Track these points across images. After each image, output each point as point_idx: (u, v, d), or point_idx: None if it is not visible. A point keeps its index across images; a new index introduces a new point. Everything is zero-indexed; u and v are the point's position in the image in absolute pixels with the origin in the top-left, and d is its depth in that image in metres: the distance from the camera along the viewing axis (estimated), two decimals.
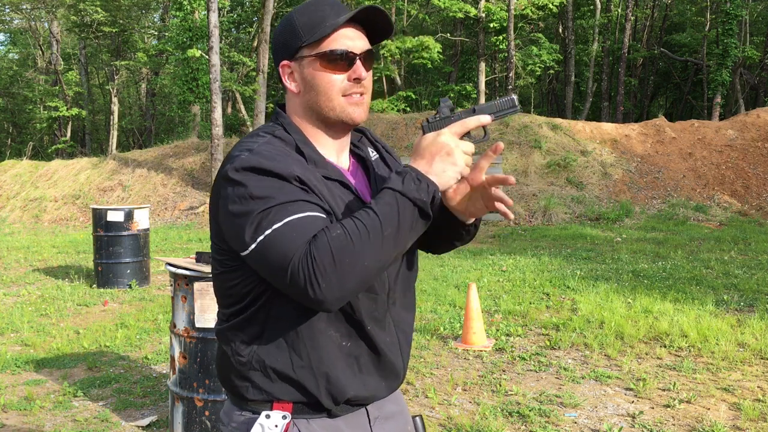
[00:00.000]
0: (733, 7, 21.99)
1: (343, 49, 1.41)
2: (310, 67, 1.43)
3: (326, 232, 1.25)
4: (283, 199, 1.28)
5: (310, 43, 1.41)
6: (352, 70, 1.42)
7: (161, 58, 27.93)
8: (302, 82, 1.44)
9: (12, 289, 8.46)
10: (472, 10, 23.18)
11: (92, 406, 4.44)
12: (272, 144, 1.38)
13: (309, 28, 1.41)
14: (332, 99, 1.42)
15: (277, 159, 1.32)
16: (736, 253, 10.20)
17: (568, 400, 4.34)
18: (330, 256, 1.22)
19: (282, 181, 1.30)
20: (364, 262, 1.24)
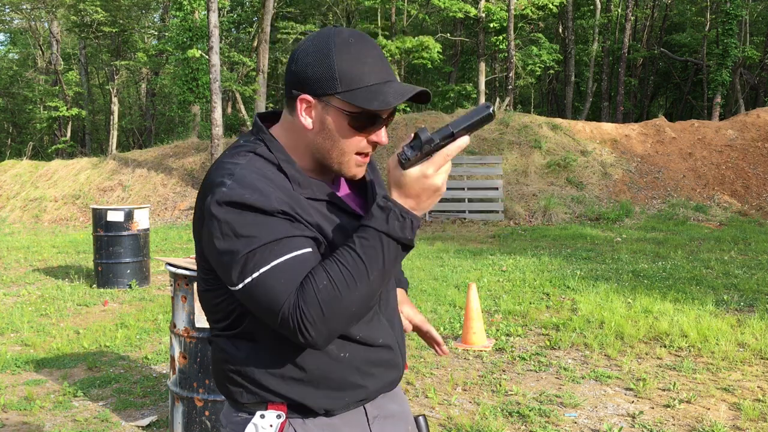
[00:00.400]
0: (733, 7, 21.99)
1: (375, 112, 1.33)
2: (334, 116, 1.34)
3: (312, 283, 1.25)
4: (267, 238, 1.27)
5: (342, 99, 1.32)
6: (375, 134, 1.37)
7: (161, 58, 27.92)
8: (319, 123, 1.36)
9: (12, 289, 8.46)
10: (472, 10, 23.19)
11: (92, 406, 4.44)
12: (253, 165, 1.34)
13: (348, 80, 1.32)
14: (345, 155, 1.38)
15: (259, 189, 1.28)
16: (736, 253, 10.20)
17: (568, 400, 4.34)
18: (319, 309, 1.24)
19: (266, 216, 1.27)
20: (352, 308, 1.27)
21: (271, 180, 1.33)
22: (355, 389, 1.44)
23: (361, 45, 1.34)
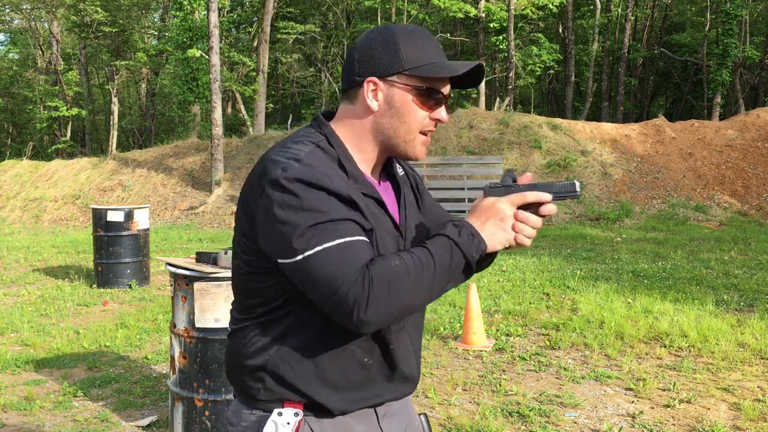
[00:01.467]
0: (733, 7, 21.99)
1: (441, 91, 1.44)
2: (400, 94, 1.43)
3: (385, 261, 1.29)
4: (334, 216, 1.30)
5: (410, 74, 1.42)
6: (436, 111, 1.46)
7: (161, 58, 27.93)
8: (386, 104, 1.44)
9: (12, 289, 8.46)
10: (472, 10, 23.19)
11: (92, 406, 4.44)
12: (316, 155, 1.38)
13: (413, 58, 1.42)
14: (411, 132, 1.45)
15: (328, 174, 1.34)
16: (736, 253, 10.20)
17: (568, 400, 4.34)
18: (387, 285, 1.26)
19: (333, 197, 1.31)
20: (413, 296, 1.30)
21: (334, 169, 1.38)
22: (374, 396, 1.47)
23: (420, 32, 1.46)
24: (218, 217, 15.89)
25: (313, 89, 29.06)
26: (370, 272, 1.26)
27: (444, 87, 1.46)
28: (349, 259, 1.27)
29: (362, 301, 1.25)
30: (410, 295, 1.29)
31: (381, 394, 1.48)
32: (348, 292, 1.25)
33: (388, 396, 1.50)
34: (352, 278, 1.26)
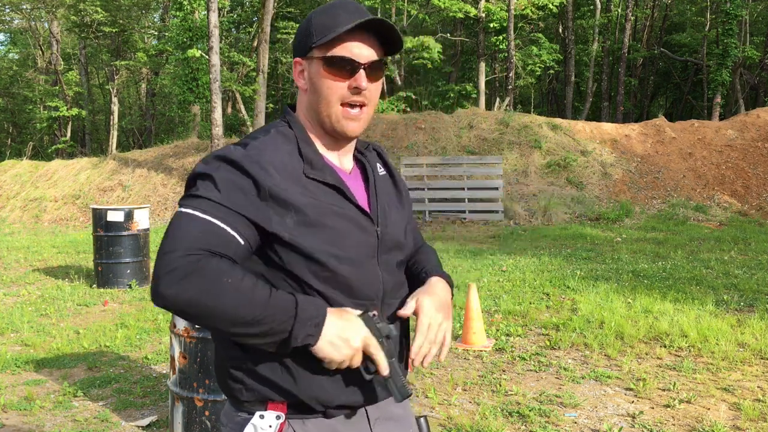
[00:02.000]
0: (733, 7, 21.99)
1: (347, 56, 1.41)
2: (316, 69, 1.43)
3: (225, 267, 1.24)
4: (226, 202, 1.30)
5: (320, 45, 1.42)
6: (353, 79, 1.41)
7: (161, 58, 27.92)
8: (309, 82, 1.45)
9: (12, 289, 8.46)
10: (472, 10, 23.19)
11: (92, 406, 4.44)
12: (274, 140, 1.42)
13: (321, 29, 1.41)
14: (331, 105, 1.43)
15: (266, 162, 1.35)
16: (736, 253, 10.20)
17: (568, 400, 4.34)
18: (204, 284, 1.22)
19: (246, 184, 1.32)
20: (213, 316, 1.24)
21: (282, 156, 1.39)
22: (354, 395, 1.44)
23: (339, 4, 1.44)
24: None
25: None
26: (205, 262, 1.23)
27: (357, 52, 1.41)
28: (202, 238, 1.26)
29: (177, 276, 1.22)
30: (212, 312, 1.23)
31: (359, 393, 1.44)
32: (174, 260, 1.23)
33: (368, 394, 1.46)
34: (188, 251, 1.24)
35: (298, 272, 1.38)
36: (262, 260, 1.39)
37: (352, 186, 1.48)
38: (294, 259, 1.38)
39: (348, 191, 1.44)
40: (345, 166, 1.52)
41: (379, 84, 1.48)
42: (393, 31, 1.43)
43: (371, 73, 1.43)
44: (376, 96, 1.48)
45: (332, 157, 1.50)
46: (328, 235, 1.39)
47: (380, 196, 1.52)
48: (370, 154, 1.60)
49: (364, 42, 1.43)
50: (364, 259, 1.44)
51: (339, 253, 1.40)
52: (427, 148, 17.02)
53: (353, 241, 1.42)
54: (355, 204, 1.44)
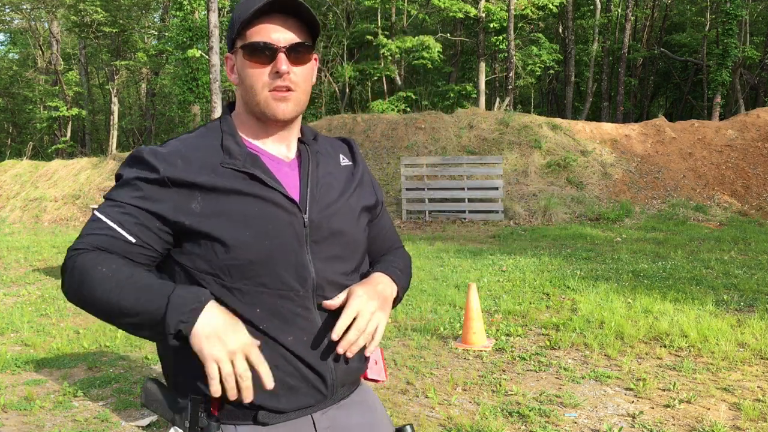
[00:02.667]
0: (733, 7, 21.99)
1: (262, 41, 1.37)
2: (240, 60, 1.41)
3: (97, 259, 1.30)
4: (117, 197, 1.36)
5: (240, 35, 1.40)
6: (273, 64, 1.37)
7: (161, 58, 27.92)
8: (238, 74, 1.43)
9: (12, 289, 8.46)
10: (472, 10, 23.19)
11: (92, 406, 4.44)
12: (197, 137, 1.42)
13: (239, 18, 1.38)
14: (257, 93, 1.39)
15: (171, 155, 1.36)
16: (736, 253, 10.19)
17: (568, 400, 4.34)
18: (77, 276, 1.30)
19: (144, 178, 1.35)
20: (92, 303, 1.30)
21: (200, 151, 1.39)
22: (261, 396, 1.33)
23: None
24: None
25: (313, 89, 29.02)
26: (83, 256, 1.31)
27: (275, 36, 1.37)
28: (92, 237, 1.33)
29: (64, 272, 1.33)
30: (91, 303, 1.29)
31: (281, 396, 1.35)
32: (67, 258, 1.34)
33: (293, 398, 1.36)
34: (75, 248, 1.34)
35: (206, 263, 1.34)
36: (177, 255, 1.38)
37: (282, 173, 1.43)
38: (201, 249, 1.34)
39: (268, 177, 1.38)
40: (284, 155, 1.47)
41: (306, 68, 1.42)
42: (301, 6, 1.37)
43: (293, 56, 1.38)
44: (305, 80, 1.42)
45: (270, 146, 1.45)
46: (238, 219, 1.34)
47: (318, 184, 1.45)
48: (318, 144, 1.53)
49: (283, 25, 1.38)
50: (287, 246, 1.36)
51: (248, 239, 1.33)
52: (427, 148, 17.02)
53: (271, 226, 1.35)
54: (276, 189, 1.38)
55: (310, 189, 1.43)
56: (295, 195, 1.41)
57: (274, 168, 1.42)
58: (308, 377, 1.37)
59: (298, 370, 1.36)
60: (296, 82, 1.39)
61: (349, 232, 1.46)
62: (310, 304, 1.38)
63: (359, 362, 1.47)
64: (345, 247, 1.46)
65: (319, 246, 1.41)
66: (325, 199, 1.44)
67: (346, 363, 1.43)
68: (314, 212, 1.41)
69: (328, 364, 1.39)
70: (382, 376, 1.56)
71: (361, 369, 1.49)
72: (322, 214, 1.42)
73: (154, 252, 1.36)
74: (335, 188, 1.48)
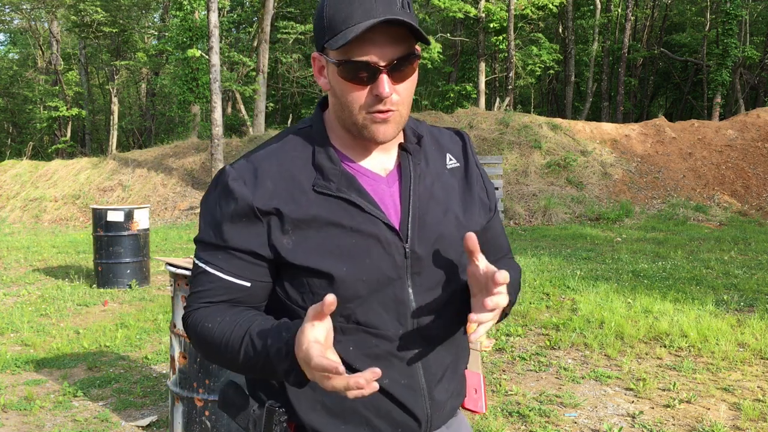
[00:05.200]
0: (733, 7, 22.00)
1: (363, 59, 1.16)
2: (332, 71, 1.21)
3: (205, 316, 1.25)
4: (207, 238, 1.26)
5: (330, 46, 1.18)
6: (373, 86, 1.18)
7: (161, 58, 27.93)
8: (329, 83, 1.24)
9: (12, 289, 8.46)
10: (472, 10, 23.19)
11: (92, 406, 4.44)
12: (282, 147, 1.28)
13: (333, 25, 1.17)
14: (354, 114, 1.22)
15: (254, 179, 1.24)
16: (736, 253, 10.19)
17: (568, 400, 4.34)
18: (194, 335, 1.27)
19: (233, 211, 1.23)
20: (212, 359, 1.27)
21: (290, 167, 1.26)
22: (358, 427, 1.27)
23: None
24: None
25: (313, 89, 29.05)
26: (191, 317, 1.27)
27: (378, 52, 1.16)
28: (204, 293, 1.27)
29: (188, 337, 1.30)
30: (216, 361, 1.26)
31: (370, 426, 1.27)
32: (184, 319, 1.29)
33: None
34: (187, 307, 1.29)
35: (299, 295, 1.25)
36: (276, 284, 1.29)
37: (380, 192, 1.27)
38: (295, 282, 1.25)
39: (366, 203, 1.23)
40: (382, 168, 1.30)
41: (409, 82, 1.22)
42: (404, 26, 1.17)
43: (396, 74, 1.19)
44: (409, 95, 1.24)
45: (366, 160, 1.29)
46: (332, 253, 1.22)
47: (419, 201, 1.29)
48: (421, 148, 1.35)
49: (386, 36, 1.16)
50: (386, 281, 1.24)
51: (343, 275, 1.21)
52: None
53: (369, 261, 1.22)
54: (376, 217, 1.23)
55: (412, 212, 1.27)
56: (395, 219, 1.26)
57: (371, 188, 1.26)
58: (400, 420, 1.28)
59: (390, 412, 1.27)
60: (399, 102, 1.21)
61: (454, 253, 1.31)
62: (409, 344, 1.27)
63: (455, 399, 1.37)
64: (450, 271, 1.31)
65: (420, 276, 1.27)
66: (427, 221, 1.28)
67: (443, 403, 1.33)
68: (416, 240, 1.26)
69: (425, 407, 1.29)
70: (481, 407, 1.46)
71: (455, 406, 1.39)
72: (424, 240, 1.27)
73: (269, 284, 1.27)
74: (440, 203, 1.32)
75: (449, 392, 1.35)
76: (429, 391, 1.30)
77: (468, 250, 1.21)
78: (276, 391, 1.28)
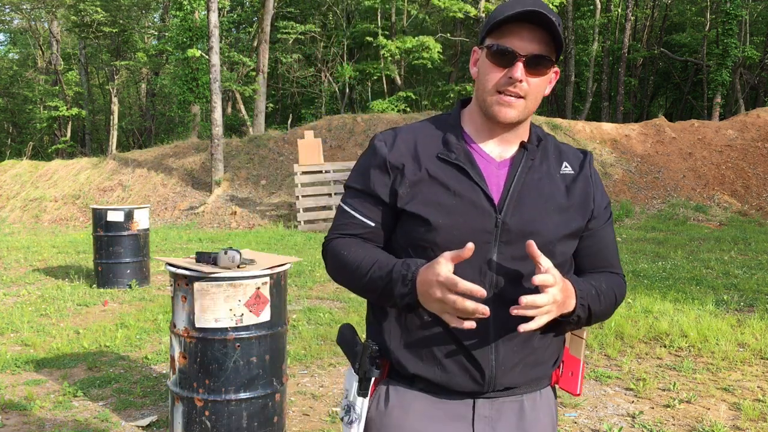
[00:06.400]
0: (733, 7, 21.99)
1: (508, 46, 1.42)
2: (483, 56, 1.48)
3: (345, 245, 1.54)
4: (354, 184, 1.56)
5: (489, 34, 1.46)
6: (509, 69, 1.42)
7: (161, 58, 27.93)
8: (478, 69, 1.50)
9: (12, 289, 8.46)
10: (472, 10, 23.19)
11: (92, 406, 4.44)
12: (423, 125, 1.57)
13: (492, 19, 1.44)
14: (487, 92, 1.46)
15: (398, 141, 1.53)
16: (736, 253, 10.19)
17: (568, 400, 4.34)
18: (332, 260, 1.58)
19: (375, 164, 1.53)
20: (344, 282, 1.56)
21: (424, 138, 1.53)
22: (431, 366, 1.48)
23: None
24: (218, 217, 15.89)
25: (313, 89, 29.06)
26: (330, 243, 1.57)
27: (519, 44, 1.41)
28: (341, 226, 1.57)
29: (324, 256, 1.60)
30: (342, 280, 1.55)
31: (437, 371, 1.47)
32: (323, 246, 1.61)
33: (447, 377, 1.47)
34: (328, 237, 1.59)
35: (405, 237, 1.50)
36: (394, 233, 1.55)
37: (489, 171, 1.49)
38: (404, 225, 1.50)
39: (475, 173, 1.46)
40: (499, 155, 1.52)
41: (541, 80, 1.45)
42: (551, 25, 1.40)
43: (531, 66, 1.42)
44: (538, 91, 1.46)
45: (488, 145, 1.52)
46: (436, 206, 1.45)
47: (522, 186, 1.47)
48: (540, 149, 1.54)
49: (530, 35, 1.41)
50: (475, 242, 1.39)
51: (441, 225, 1.44)
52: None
53: (463, 220, 1.44)
54: (479, 185, 1.45)
55: (512, 191, 1.47)
56: (496, 194, 1.47)
57: (482, 165, 1.49)
58: (467, 366, 1.46)
59: (459, 357, 1.46)
60: (528, 91, 1.44)
61: (543, 237, 1.45)
62: (488, 302, 1.40)
63: (529, 368, 1.50)
64: None
65: (508, 247, 1.45)
66: (526, 202, 1.47)
67: (511, 364, 1.48)
68: (509, 214, 1.45)
69: (490, 359, 1.46)
70: (576, 389, 1.58)
71: (531, 376, 1.52)
72: (517, 216, 1.45)
73: (390, 228, 1.54)
74: (543, 194, 1.49)
75: (519, 357, 1.48)
76: (497, 347, 1.45)
77: (531, 256, 1.37)
78: (377, 332, 1.55)
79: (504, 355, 1.46)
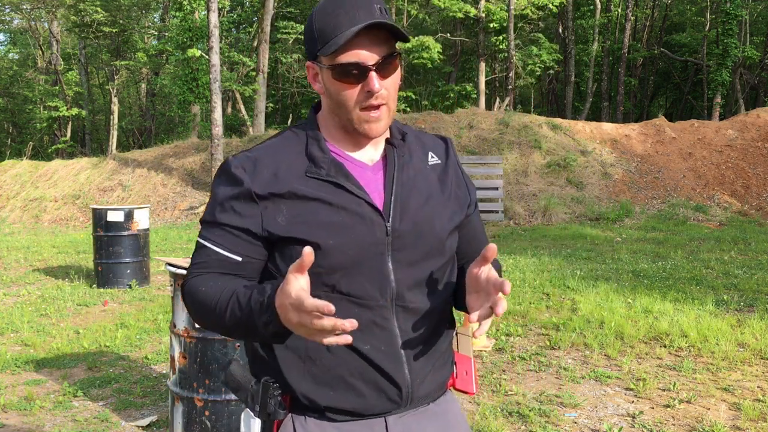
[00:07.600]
0: (733, 7, 22.00)
1: (353, 61, 1.33)
2: (326, 74, 1.38)
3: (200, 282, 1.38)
4: (209, 218, 1.42)
5: (323, 54, 1.35)
6: (364, 83, 1.34)
7: (161, 58, 27.92)
8: (324, 86, 1.41)
9: (12, 289, 8.46)
10: (472, 10, 23.19)
11: (92, 406, 4.44)
12: (279, 142, 1.44)
13: (323, 35, 1.34)
14: (350, 111, 1.37)
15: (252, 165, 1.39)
16: (736, 253, 10.19)
17: (568, 400, 4.34)
18: (189, 300, 1.40)
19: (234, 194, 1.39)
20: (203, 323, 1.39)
21: (286, 157, 1.41)
22: (344, 393, 1.37)
23: (337, 0, 1.34)
24: None
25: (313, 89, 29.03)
26: (188, 283, 1.41)
27: (365, 54, 1.32)
28: (202, 263, 1.41)
29: (185, 303, 1.42)
30: (206, 323, 1.37)
31: (349, 398, 1.37)
32: (182, 287, 1.43)
33: (362, 401, 1.37)
34: (186, 276, 1.43)
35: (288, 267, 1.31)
36: (269, 260, 1.42)
37: (366, 178, 1.42)
38: (286, 254, 1.37)
39: (352, 185, 1.38)
40: (369, 158, 1.45)
41: (394, 77, 1.39)
42: (387, 25, 1.33)
43: (383, 70, 1.35)
44: (394, 90, 1.40)
45: (355, 152, 1.44)
46: (321, 227, 1.34)
47: (402, 188, 1.42)
48: (406, 144, 1.50)
49: (371, 39, 1.33)
50: (369, 255, 1.36)
51: (330, 247, 1.34)
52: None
53: (353, 236, 1.35)
54: (361, 198, 1.37)
55: (394, 195, 1.41)
56: (379, 201, 1.40)
57: (357, 174, 1.41)
58: (382, 386, 1.38)
59: (373, 378, 1.37)
60: (387, 96, 1.37)
61: (433, 236, 1.43)
62: (389, 314, 1.38)
63: (437, 373, 1.46)
64: (429, 252, 1.43)
65: (401, 253, 1.40)
66: (409, 205, 1.42)
67: (423, 374, 1.42)
68: (397, 220, 1.40)
69: (405, 373, 1.39)
70: (471, 389, 1.55)
71: (438, 381, 1.47)
72: (405, 221, 1.40)
73: (260, 262, 1.41)
74: (422, 191, 1.46)
75: (430, 364, 1.44)
76: (408, 360, 1.40)
77: (483, 257, 1.32)
78: (270, 367, 1.40)
79: (417, 365, 1.41)
